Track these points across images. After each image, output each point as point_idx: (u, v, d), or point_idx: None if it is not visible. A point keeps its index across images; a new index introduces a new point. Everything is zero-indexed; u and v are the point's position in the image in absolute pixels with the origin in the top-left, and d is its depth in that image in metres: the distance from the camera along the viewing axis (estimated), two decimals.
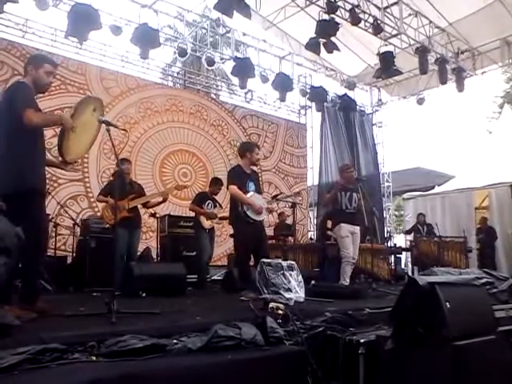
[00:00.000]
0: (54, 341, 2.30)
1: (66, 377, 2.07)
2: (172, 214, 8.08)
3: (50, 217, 6.94)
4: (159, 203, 6.29)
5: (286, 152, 12.25)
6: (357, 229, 6.05)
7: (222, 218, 6.85)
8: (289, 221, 9.42)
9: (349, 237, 5.91)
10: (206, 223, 6.74)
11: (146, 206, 6.19)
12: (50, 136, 4.89)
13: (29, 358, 2.09)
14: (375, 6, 9.10)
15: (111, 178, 6.83)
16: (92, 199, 8.67)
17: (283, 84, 10.70)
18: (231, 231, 5.97)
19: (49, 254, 6.83)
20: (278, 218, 9.51)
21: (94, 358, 2.30)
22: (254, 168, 5.35)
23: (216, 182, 7.03)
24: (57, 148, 3.38)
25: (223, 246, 9.35)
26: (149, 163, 9.72)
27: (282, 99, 11.18)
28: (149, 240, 8.68)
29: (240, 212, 4.89)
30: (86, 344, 2.38)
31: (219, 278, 8.18)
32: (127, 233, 5.67)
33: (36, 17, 8.68)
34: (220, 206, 7.01)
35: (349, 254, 5.85)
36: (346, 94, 12.46)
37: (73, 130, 3.25)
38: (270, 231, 8.44)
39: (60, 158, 3.50)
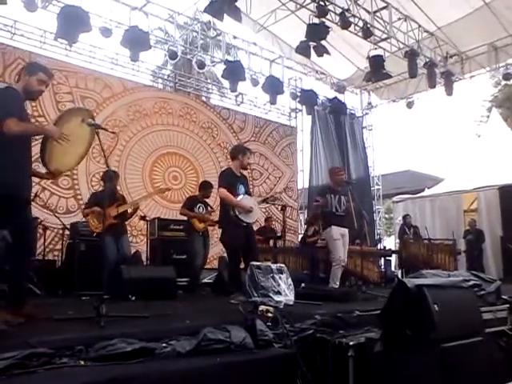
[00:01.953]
0: (42, 345, 2.28)
1: (54, 382, 2.05)
2: (162, 217, 8.05)
3: (39, 220, 6.90)
4: (132, 214, 6.18)
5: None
6: (346, 231, 6.08)
7: (215, 222, 6.84)
8: (274, 226, 9.46)
9: (340, 239, 5.92)
10: (199, 226, 6.70)
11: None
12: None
13: (16, 363, 2.06)
14: (365, 9, 9.16)
15: (101, 189, 6.75)
16: (80, 201, 8.63)
17: (273, 87, 10.72)
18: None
19: (37, 257, 6.80)
20: (265, 222, 9.49)
21: (82, 363, 2.28)
22: (244, 172, 5.37)
23: (206, 186, 7.00)
24: (39, 157, 3.34)
25: (214, 248, 9.30)
26: (139, 166, 9.68)
27: (273, 102, 11.21)
28: (139, 243, 8.65)
29: (232, 216, 4.90)
30: (74, 348, 2.36)
31: (209, 280, 8.16)
32: (114, 240, 5.65)
33: (25, 18, 8.63)
34: (211, 208, 7.00)
35: (340, 257, 5.86)
36: (336, 98, 12.52)
37: (60, 139, 3.22)
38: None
39: (44, 169, 3.46)
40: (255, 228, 9.11)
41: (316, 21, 8.59)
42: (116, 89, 9.62)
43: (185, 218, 6.92)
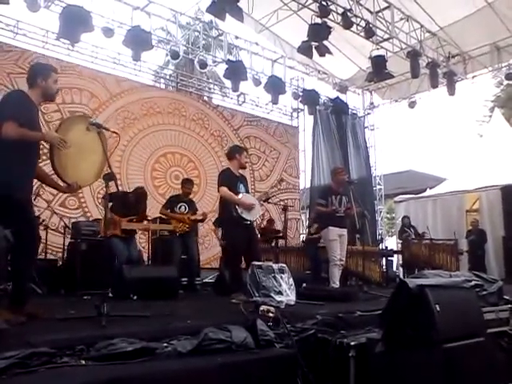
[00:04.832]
0: (43, 344, 2.28)
1: (55, 381, 2.05)
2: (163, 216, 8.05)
3: (41, 220, 6.90)
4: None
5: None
6: (344, 231, 6.13)
7: (194, 221, 6.83)
8: (276, 226, 9.44)
9: (336, 240, 5.97)
10: (177, 227, 6.71)
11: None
12: None
13: (17, 363, 2.06)
14: (367, 9, 9.16)
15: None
16: (82, 199, 8.66)
17: (275, 87, 10.72)
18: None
19: (39, 256, 6.80)
20: (266, 224, 9.49)
21: (83, 362, 2.28)
22: (242, 171, 5.38)
23: (185, 182, 7.00)
24: (51, 167, 3.32)
25: (214, 248, 9.33)
26: (140, 166, 9.69)
27: (275, 102, 11.21)
28: (140, 243, 8.66)
29: (234, 216, 4.91)
30: (75, 348, 2.36)
31: (211, 280, 8.16)
32: (122, 241, 5.69)
33: (27, 18, 8.65)
34: (195, 208, 6.97)
35: (336, 257, 5.92)
36: (338, 97, 12.52)
37: (62, 145, 3.22)
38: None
39: (61, 182, 3.44)
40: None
41: (318, 21, 8.58)
42: (118, 89, 9.64)
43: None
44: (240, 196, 4.99)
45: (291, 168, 12.58)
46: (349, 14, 8.76)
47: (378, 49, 9.80)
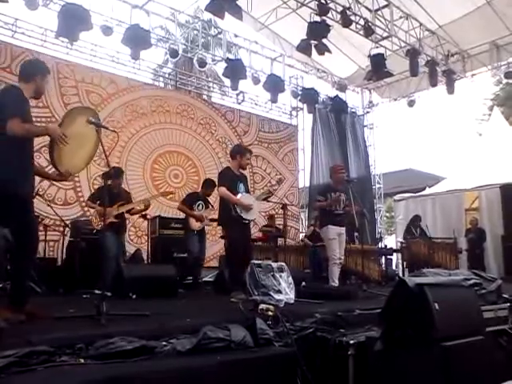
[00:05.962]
0: (43, 343, 2.28)
1: (53, 380, 2.05)
2: (163, 215, 8.05)
3: (40, 218, 6.90)
4: (142, 211, 6.33)
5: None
6: (343, 230, 6.13)
7: (212, 220, 6.83)
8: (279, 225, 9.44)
9: (336, 239, 5.97)
10: (195, 225, 6.68)
11: (130, 212, 6.20)
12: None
13: (15, 361, 2.06)
14: (366, 8, 9.14)
15: (101, 182, 6.83)
16: (80, 193, 8.65)
17: (275, 85, 10.71)
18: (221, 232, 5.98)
19: (38, 255, 6.80)
20: (269, 221, 9.49)
21: (82, 361, 2.28)
22: (243, 171, 5.37)
23: (209, 184, 6.96)
24: (49, 158, 3.33)
25: (214, 247, 9.33)
26: (139, 165, 9.68)
27: (274, 100, 11.20)
28: (139, 241, 8.66)
29: (234, 215, 4.92)
30: (74, 346, 2.36)
31: (210, 279, 8.16)
32: (114, 235, 5.70)
33: (26, 16, 8.63)
34: (212, 206, 6.99)
35: (335, 255, 5.92)
36: (337, 96, 12.50)
37: (62, 140, 3.21)
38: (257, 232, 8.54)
39: (54, 170, 3.46)
40: (258, 226, 9.24)
41: (317, 19, 8.56)
42: (116, 87, 9.63)
43: (184, 216, 6.91)
44: (239, 196, 5.01)
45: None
46: (348, 12, 8.74)
47: (377, 47, 9.78)
